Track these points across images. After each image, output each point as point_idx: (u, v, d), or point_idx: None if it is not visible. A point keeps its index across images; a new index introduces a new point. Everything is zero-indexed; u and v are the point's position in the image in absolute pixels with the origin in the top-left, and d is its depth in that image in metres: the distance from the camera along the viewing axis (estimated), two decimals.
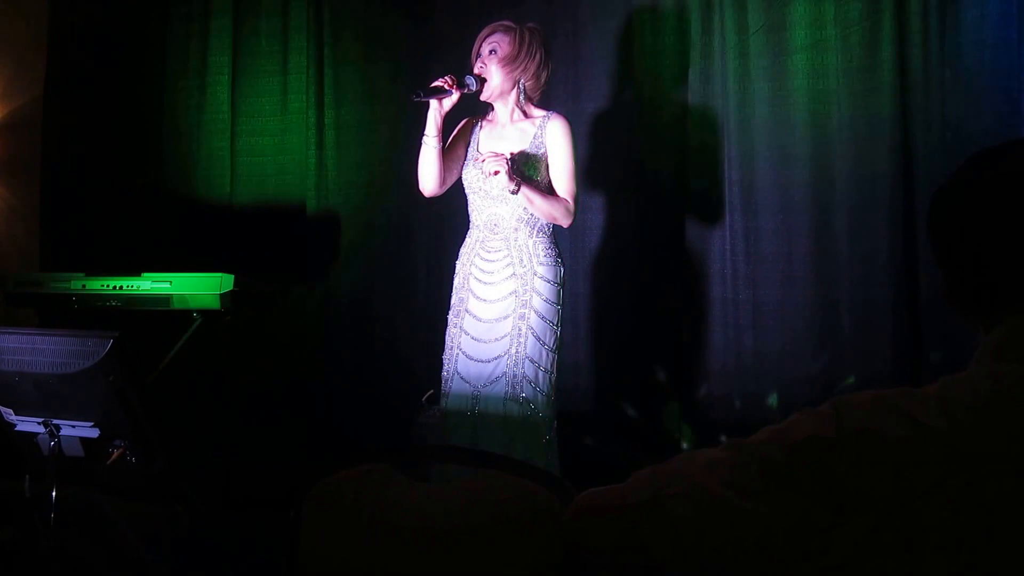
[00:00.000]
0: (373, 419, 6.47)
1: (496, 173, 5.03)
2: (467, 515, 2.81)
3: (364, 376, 6.74)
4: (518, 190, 5.06)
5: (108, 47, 7.40)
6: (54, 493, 3.85)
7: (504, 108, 5.40)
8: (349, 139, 7.00)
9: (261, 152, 7.20)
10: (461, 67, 5.41)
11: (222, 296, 5.92)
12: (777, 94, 6.09)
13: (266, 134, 7.19)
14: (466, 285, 5.35)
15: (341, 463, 2.98)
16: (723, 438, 6.00)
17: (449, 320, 5.41)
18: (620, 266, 6.45)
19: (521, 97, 5.35)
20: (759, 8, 6.10)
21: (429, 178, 5.36)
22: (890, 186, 5.84)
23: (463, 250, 5.43)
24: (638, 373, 6.39)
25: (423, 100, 5.20)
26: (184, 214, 7.24)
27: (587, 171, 6.40)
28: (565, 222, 5.29)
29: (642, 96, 6.40)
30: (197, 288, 6.01)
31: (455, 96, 5.22)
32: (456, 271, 5.43)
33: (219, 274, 5.98)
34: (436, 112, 5.24)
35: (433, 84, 5.18)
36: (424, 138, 5.29)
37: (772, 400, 6.10)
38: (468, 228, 5.46)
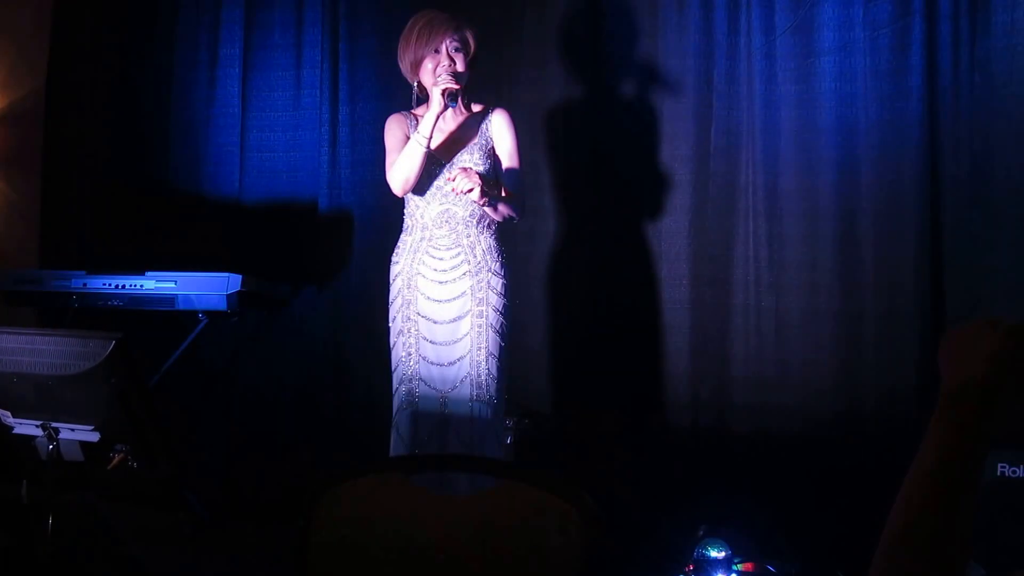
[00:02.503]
0: (384, 425, 6.37)
1: (470, 191, 4.91)
2: (483, 527, 2.72)
3: (376, 380, 6.64)
4: (489, 202, 5.02)
5: (114, 36, 7.36)
6: (52, 499, 3.82)
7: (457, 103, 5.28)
8: (363, 136, 6.90)
9: (272, 148, 7.13)
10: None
11: (229, 297, 5.92)
12: (803, 97, 6.02)
13: (278, 130, 7.12)
14: (412, 286, 5.23)
15: (352, 471, 2.88)
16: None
17: (396, 327, 5.32)
18: (639, 271, 6.36)
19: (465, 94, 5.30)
20: (787, 8, 6.04)
21: (413, 178, 5.17)
22: (917, 193, 5.76)
23: (402, 250, 5.32)
24: (655, 382, 6.30)
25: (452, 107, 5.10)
26: (191, 211, 7.18)
27: (608, 173, 6.39)
28: (520, 216, 5.28)
29: (666, 96, 6.32)
30: (203, 288, 6.02)
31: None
32: (395, 273, 5.32)
33: (226, 274, 6.00)
34: (436, 117, 5.10)
35: (452, 87, 5.02)
36: (418, 138, 5.12)
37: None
38: (403, 228, 5.38)
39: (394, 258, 5.34)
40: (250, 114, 7.16)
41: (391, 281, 5.33)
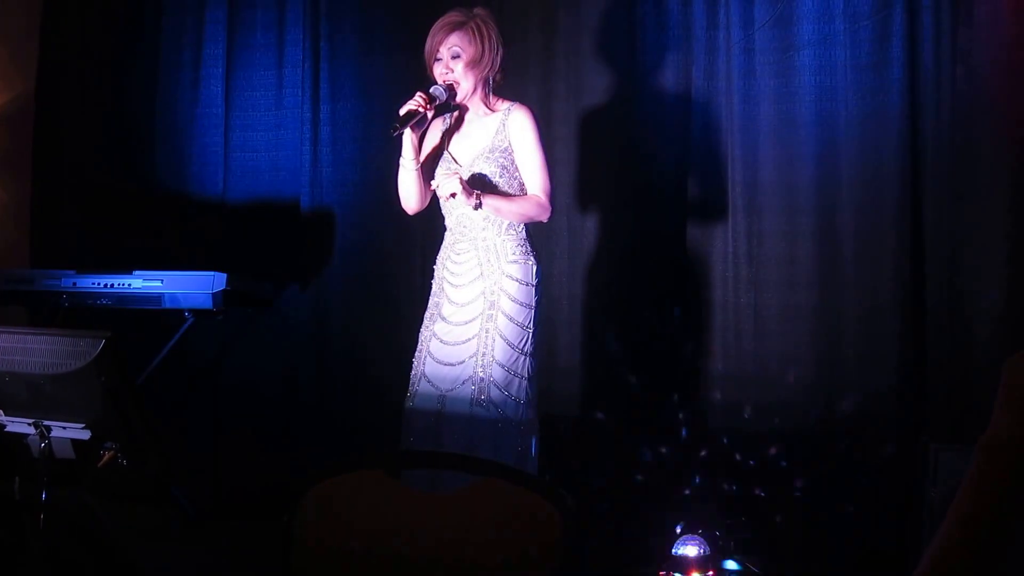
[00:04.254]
0: (368, 422, 6.38)
1: (453, 196, 4.91)
2: (464, 524, 2.73)
3: (359, 378, 6.67)
4: (479, 205, 4.96)
5: (101, 39, 7.35)
6: (44, 495, 3.81)
7: (468, 105, 5.28)
8: (345, 135, 6.91)
9: (255, 148, 7.12)
10: None
11: (214, 295, 5.90)
12: (783, 91, 5.98)
13: (260, 129, 7.12)
14: (441, 288, 5.26)
15: (335, 468, 2.89)
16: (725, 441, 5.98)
17: (423, 322, 5.32)
18: (617, 268, 6.34)
19: (489, 93, 5.27)
20: (765, 2, 6.01)
21: (411, 199, 5.28)
22: (899, 188, 5.73)
23: (439, 254, 5.34)
24: (634, 379, 6.27)
25: (402, 132, 5.05)
26: (177, 211, 7.17)
27: (586, 169, 6.35)
28: (543, 218, 5.20)
29: (644, 92, 6.29)
30: (189, 287, 5.99)
31: (430, 116, 5.13)
32: (434, 275, 5.35)
33: (211, 273, 5.96)
34: (411, 136, 5.13)
35: (406, 110, 5.00)
36: (402, 161, 5.20)
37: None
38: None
39: (435, 260, 5.36)
40: (233, 113, 7.15)
41: (432, 280, 5.36)
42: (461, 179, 4.92)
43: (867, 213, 5.81)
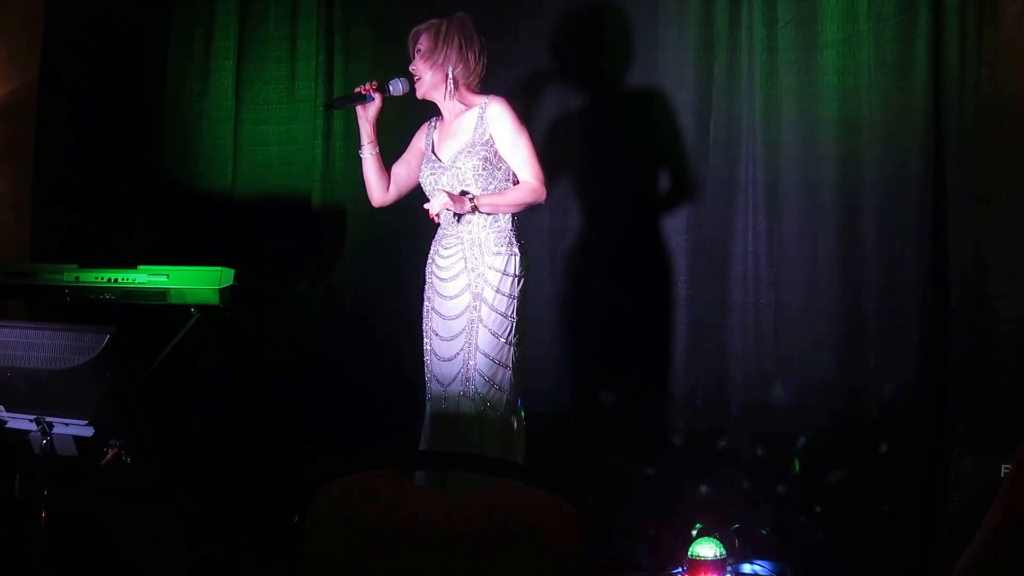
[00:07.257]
0: (379, 421, 6.34)
1: (458, 218, 5.15)
2: (481, 525, 2.70)
3: (370, 376, 6.64)
4: (476, 208, 5.11)
5: (107, 29, 7.33)
6: (45, 493, 3.80)
7: (445, 103, 5.42)
8: (358, 129, 6.77)
9: (266, 141, 7.11)
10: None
11: (221, 291, 5.85)
12: (805, 91, 5.92)
13: (272, 122, 7.10)
14: (431, 283, 5.37)
15: (347, 468, 2.84)
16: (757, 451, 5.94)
17: (422, 320, 5.41)
18: (634, 265, 6.32)
19: (450, 87, 5.34)
20: (789, 0, 5.94)
21: (372, 188, 5.51)
22: (921, 189, 5.66)
23: (431, 248, 5.44)
24: (653, 381, 6.24)
25: (336, 108, 5.40)
26: (184, 205, 7.17)
27: (605, 167, 6.32)
28: (539, 201, 5.31)
29: (664, 90, 6.24)
30: (196, 282, 5.93)
31: (377, 100, 5.33)
32: (425, 271, 5.43)
33: (219, 268, 5.89)
34: (364, 121, 5.39)
35: (355, 91, 5.27)
36: (360, 150, 5.41)
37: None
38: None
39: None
40: (244, 107, 7.13)
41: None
42: (449, 193, 5.06)
43: (890, 214, 5.75)
